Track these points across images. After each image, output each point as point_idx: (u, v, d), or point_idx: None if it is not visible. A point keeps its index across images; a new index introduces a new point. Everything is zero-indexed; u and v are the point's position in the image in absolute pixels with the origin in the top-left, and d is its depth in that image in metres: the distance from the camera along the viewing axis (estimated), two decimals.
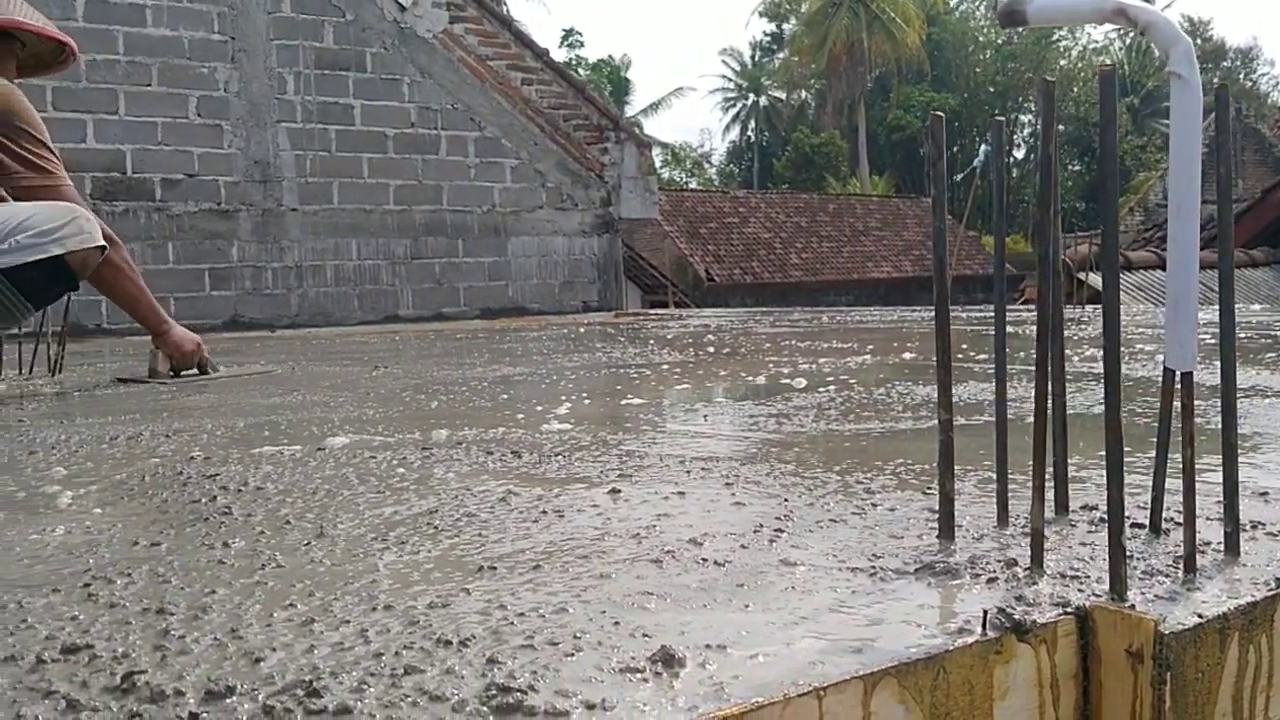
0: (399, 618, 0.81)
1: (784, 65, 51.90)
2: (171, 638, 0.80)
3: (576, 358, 3.61)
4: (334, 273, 7.89)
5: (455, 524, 1.10)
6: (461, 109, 8.26)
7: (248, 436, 1.86)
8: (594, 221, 8.91)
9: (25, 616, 0.87)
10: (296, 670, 0.72)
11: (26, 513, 1.28)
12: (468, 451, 1.56)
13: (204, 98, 7.38)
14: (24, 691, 0.72)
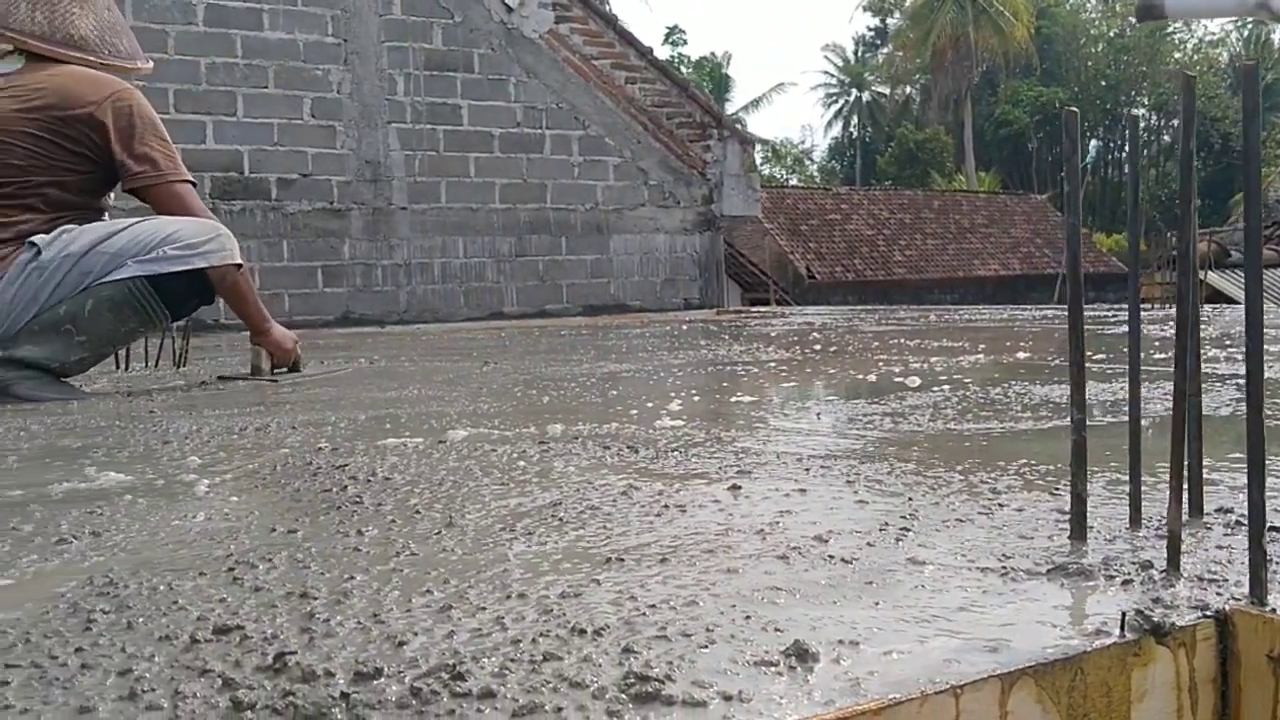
0: (533, 606, 0.83)
1: (888, 60, 51.25)
2: (317, 620, 0.82)
3: (682, 355, 3.62)
4: (441, 270, 8.03)
5: (579, 516, 1.12)
6: (566, 108, 8.34)
7: (370, 429, 1.91)
8: (696, 219, 8.92)
9: (176, 598, 0.91)
10: (439, 654, 0.74)
11: (167, 499, 1.34)
12: (584, 446, 1.58)
13: (318, 99, 7.57)
14: (181, 669, 0.75)
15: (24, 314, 2.68)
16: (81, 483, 1.48)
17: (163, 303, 2.78)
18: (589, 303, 8.51)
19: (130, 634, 0.82)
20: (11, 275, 2.68)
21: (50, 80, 2.82)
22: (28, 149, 2.75)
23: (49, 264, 2.68)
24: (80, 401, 2.61)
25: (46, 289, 2.68)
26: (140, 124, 2.85)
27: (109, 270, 2.71)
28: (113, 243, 2.73)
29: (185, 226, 2.83)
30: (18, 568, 1.05)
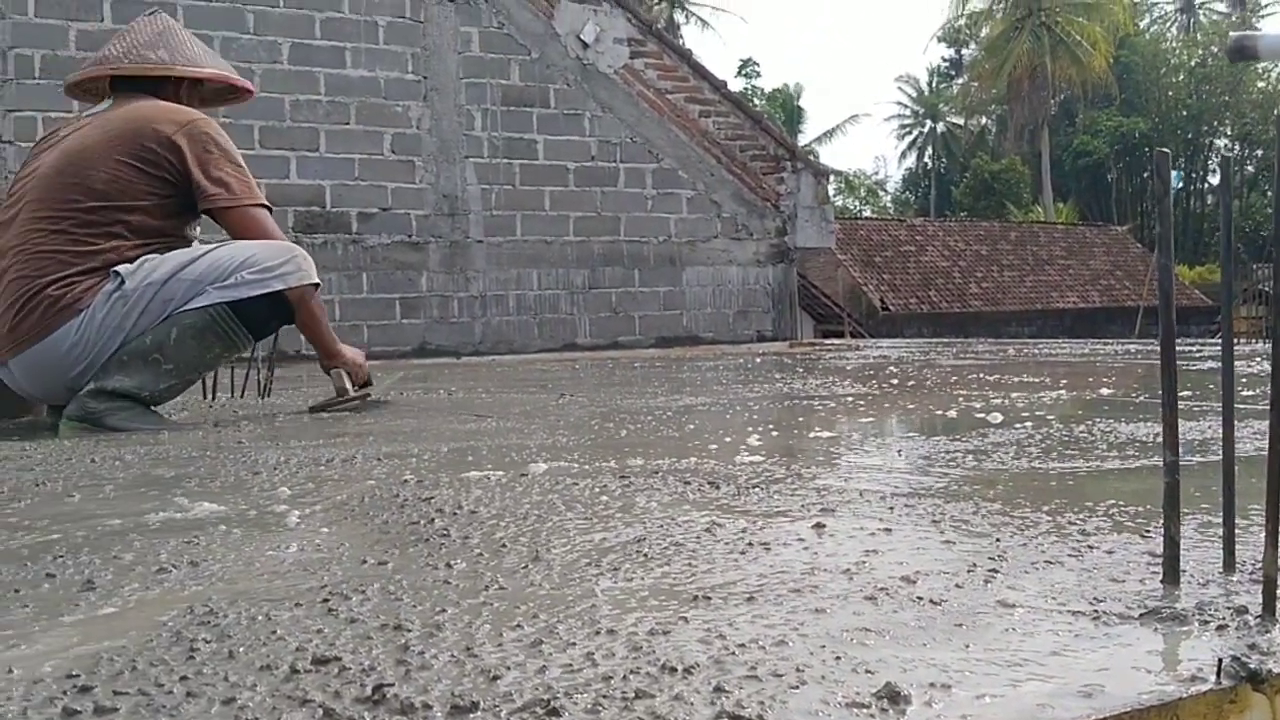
0: (623, 643, 0.84)
1: (963, 91, 50.89)
2: (412, 653, 0.84)
3: (757, 388, 3.62)
4: (516, 302, 8.12)
5: (664, 552, 1.13)
6: (640, 142, 8.42)
7: (453, 461, 1.94)
8: (769, 251, 8.92)
9: (274, 628, 0.94)
10: (532, 689, 0.75)
11: (260, 530, 1.37)
12: (665, 481, 1.59)
13: (398, 135, 7.73)
14: (282, 699, 0.77)
15: (110, 343, 2.76)
16: (177, 513, 1.52)
17: (244, 326, 2.86)
18: (661, 335, 8.54)
19: (232, 663, 0.85)
20: (98, 305, 2.77)
21: (132, 110, 2.93)
22: (110, 174, 2.83)
23: (132, 293, 2.76)
24: (171, 431, 2.69)
25: (131, 318, 2.76)
26: (216, 150, 2.94)
27: (190, 297, 2.79)
28: (192, 270, 2.81)
29: (261, 250, 2.89)
30: (120, 596, 1.08)
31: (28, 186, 2.90)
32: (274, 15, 7.40)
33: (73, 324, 2.75)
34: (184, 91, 3.10)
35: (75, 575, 1.16)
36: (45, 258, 2.80)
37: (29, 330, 2.78)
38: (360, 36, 7.63)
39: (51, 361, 2.79)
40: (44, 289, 2.77)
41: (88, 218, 2.83)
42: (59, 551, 1.27)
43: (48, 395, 2.95)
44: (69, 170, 2.85)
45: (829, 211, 9.26)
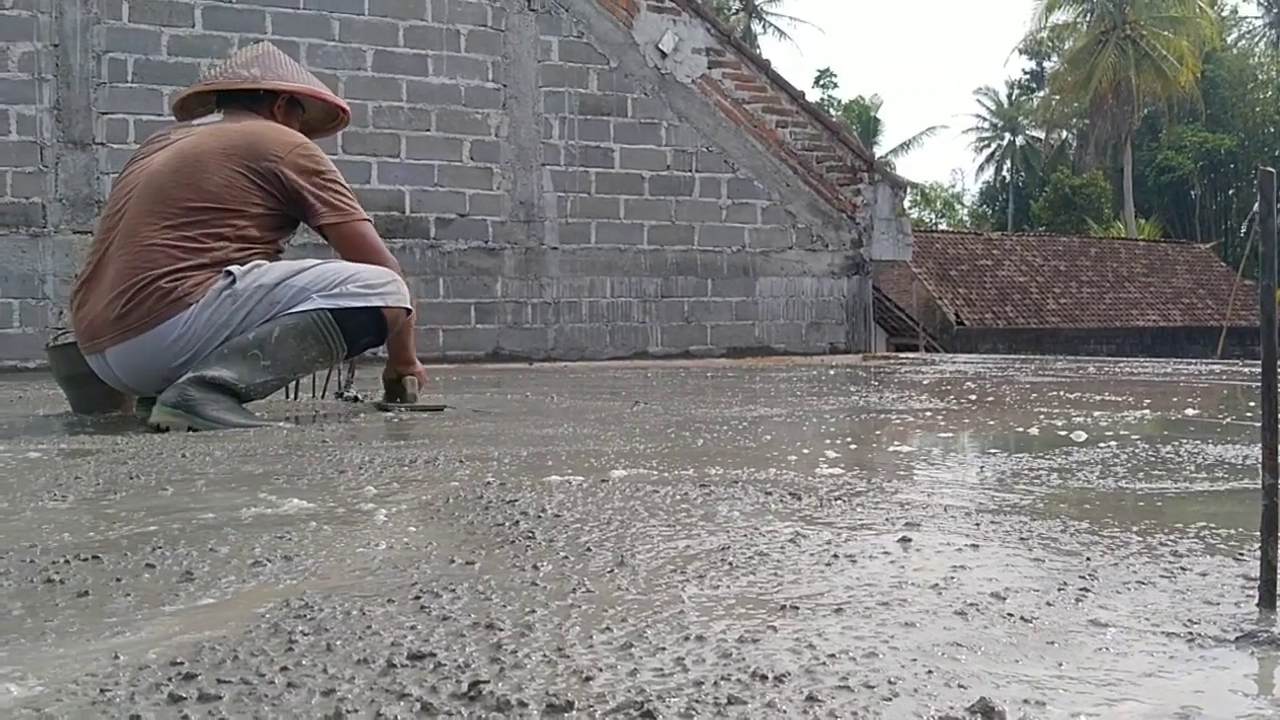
0: (712, 649, 0.85)
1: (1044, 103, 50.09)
2: (505, 651, 0.86)
3: (832, 401, 3.60)
4: (589, 309, 8.16)
5: (749, 561, 1.13)
6: (716, 151, 8.42)
7: (533, 465, 1.96)
8: (844, 263, 8.86)
9: (369, 623, 0.96)
10: (625, 691, 0.76)
11: (349, 527, 1.40)
12: (745, 490, 1.59)
13: (477, 142, 7.82)
14: (380, 692, 0.79)
15: (215, 337, 2.86)
16: (268, 508, 1.55)
17: (343, 336, 2.95)
18: (733, 344, 8.53)
19: (330, 656, 0.87)
20: (208, 299, 2.86)
21: (248, 126, 3.07)
22: (223, 180, 2.95)
23: (242, 293, 2.86)
24: (257, 430, 2.75)
25: (238, 315, 2.86)
26: (324, 172, 3.08)
27: (296, 302, 2.89)
28: (300, 278, 2.92)
29: (366, 269, 3.02)
30: (218, 587, 1.11)
31: (138, 181, 3.01)
32: (358, 23, 7.53)
33: (182, 316, 2.85)
34: (279, 110, 3.22)
35: (174, 566, 1.20)
36: (156, 250, 2.89)
37: (137, 319, 2.87)
38: (442, 44, 7.74)
39: (155, 352, 2.87)
40: (155, 280, 2.86)
41: (199, 217, 2.93)
42: (157, 543, 1.31)
43: (140, 386, 3.04)
44: (183, 170, 2.96)
45: (906, 224, 9.18)
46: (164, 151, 3.05)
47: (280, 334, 2.87)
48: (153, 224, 2.91)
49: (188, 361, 2.86)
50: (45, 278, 6.87)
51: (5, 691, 0.80)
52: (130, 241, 2.92)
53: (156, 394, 2.91)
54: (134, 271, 2.88)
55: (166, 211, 2.93)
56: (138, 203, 2.96)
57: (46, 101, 6.87)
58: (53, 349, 3.56)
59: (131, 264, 2.89)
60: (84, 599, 1.07)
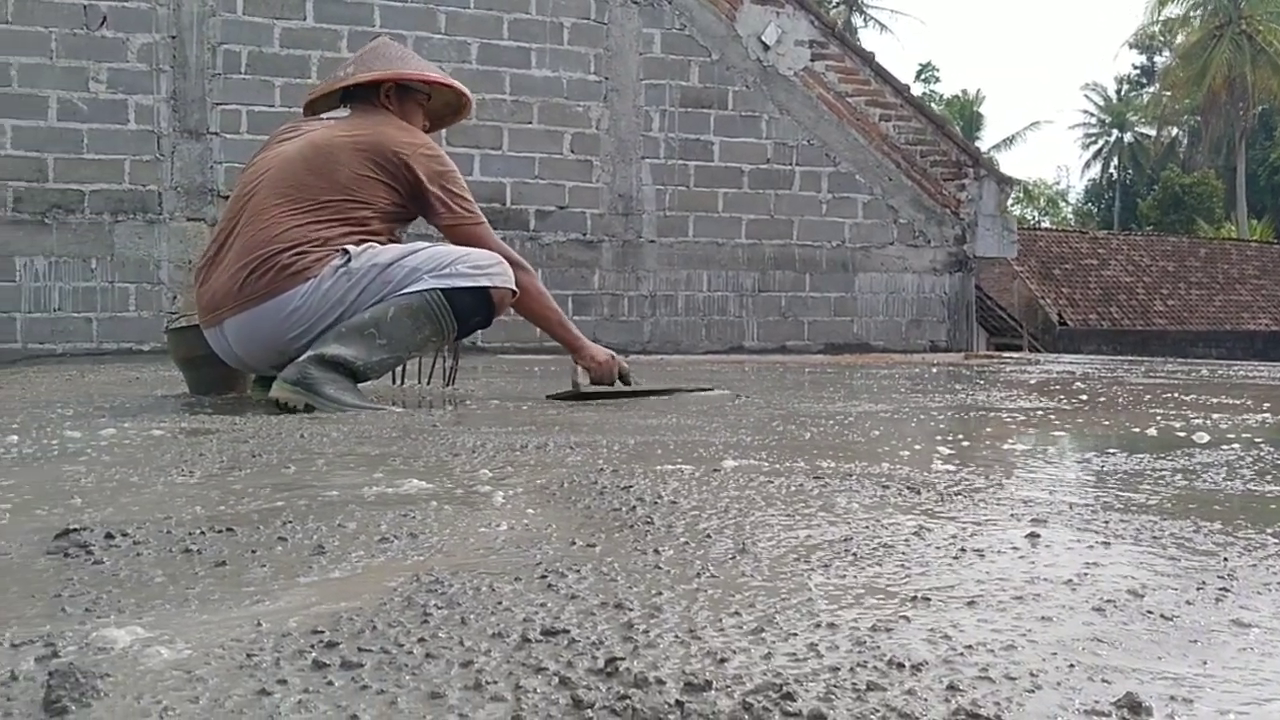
0: (845, 636, 0.84)
1: (1154, 100, 48.69)
2: (636, 631, 0.86)
3: (938, 398, 3.55)
4: (685, 303, 8.16)
5: (874, 553, 1.12)
6: (817, 145, 8.35)
7: (642, 454, 1.97)
8: (946, 259, 8.73)
9: (499, 599, 0.97)
10: (761, 674, 0.76)
11: (469, 508, 1.42)
12: (861, 484, 1.58)
13: (578, 135, 7.87)
14: (517, 665, 0.80)
15: (329, 314, 2.95)
16: (388, 488, 1.59)
17: (454, 316, 3.03)
18: (830, 340, 8.45)
19: (464, 629, 0.88)
20: (325, 276, 2.97)
21: (377, 123, 3.19)
22: (352, 173, 3.08)
23: (357, 271, 2.96)
24: (369, 412, 2.81)
25: (353, 293, 2.96)
26: (447, 173, 3.21)
27: (408, 282, 2.98)
28: (412, 259, 3.01)
29: (475, 252, 3.11)
30: (349, 561, 1.14)
31: (271, 166, 3.14)
32: (464, 16, 7.63)
33: (299, 289, 2.96)
34: (392, 99, 3.31)
35: (305, 540, 1.23)
36: (282, 229, 3.02)
37: (257, 290, 2.99)
38: (546, 37, 7.80)
39: (272, 323, 2.99)
40: (277, 254, 2.99)
41: (327, 204, 3.06)
42: (287, 518, 1.35)
43: (254, 359, 3.15)
44: (315, 160, 3.09)
45: (1011, 220, 9.01)
46: (296, 141, 3.18)
47: (395, 313, 2.95)
48: (281, 206, 3.04)
49: (301, 335, 2.97)
50: (160, 263, 7.10)
51: (156, 654, 0.83)
52: (257, 220, 3.05)
53: (273, 370, 3.02)
54: (258, 246, 3.00)
55: (296, 196, 3.05)
56: (268, 186, 3.09)
57: (164, 92, 7.09)
58: (171, 332, 3.68)
59: (257, 239, 3.02)
60: (222, 569, 1.11)
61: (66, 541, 1.21)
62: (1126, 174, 52.89)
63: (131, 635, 0.87)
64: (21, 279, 6.86)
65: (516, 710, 0.72)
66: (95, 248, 6.98)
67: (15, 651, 0.85)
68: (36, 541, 1.23)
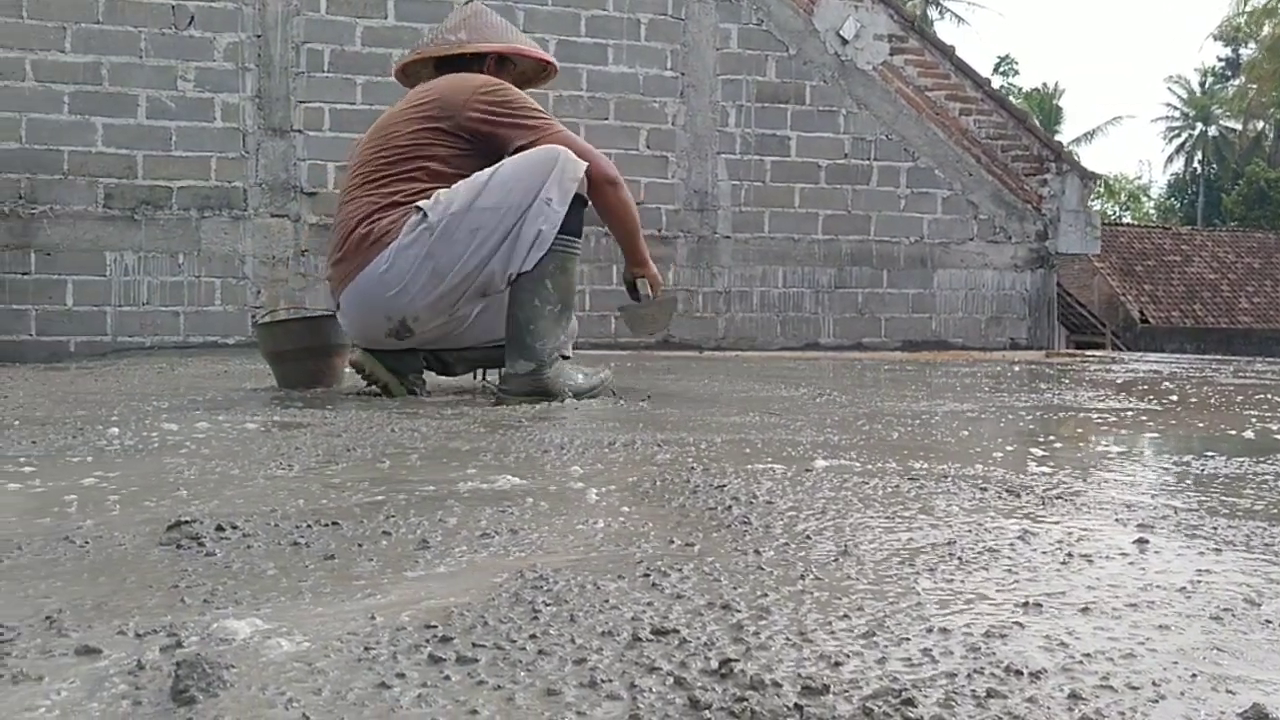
0: (958, 642, 0.84)
1: (1239, 93, 47.34)
2: (746, 632, 0.86)
3: (1024, 397, 3.50)
4: (760, 299, 8.12)
5: (979, 557, 1.11)
6: (896, 140, 8.26)
7: (731, 452, 1.97)
8: (1028, 255, 8.58)
9: (605, 597, 0.98)
10: (878, 679, 0.76)
11: (565, 504, 1.44)
12: (958, 486, 1.56)
13: (653, 130, 7.87)
14: (629, 664, 0.81)
15: (420, 270, 3.07)
16: (483, 483, 1.61)
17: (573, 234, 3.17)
18: (908, 338, 8.36)
19: (574, 627, 0.89)
20: (404, 235, 3.08)
21: (436, 84, 3.29)
22: (408, 135, 3.21)
23: (436, 224, 3.06)
24: (454, 412, 2.85)
25: (439, 245, 3.06)
26: (509, 100, 3.23)
27: (505, 228, 3.06)
28: (486, 198, 3.07)
29: (540, 163, 3.11)
30: (453, 556, 1.16)
31: (366, 150, 3.29)
32: (542, 12, 7.67)
33: (383, 255, 3.09)
34: (490, 69, 3.41)
35: (409, 535, 1.25)
36: (358, 205, 3.19)
37: (351, 266, 3.16)
38: (622, 33, 7.81)
39: (370, 291, 3.12)
40: (355, 229, 3.15)
41: (389, 170, 3.20)
42: (389, 512, 1.37)
43: (368, 329, 3.25)
44: (378, 137, 3.27)
45: (1095, 216, 8.83)
46: (386, 119, 3.33)
47: (549, 286, 3.10)
48: (357, 186, 3.23)
49: (398, 295, 3.09)
50: (245, 259, 7.24)
51: (277, 646, 0.85)
52: (344, 209, 3.25)
53: (391, 341, 3.21)
54: (344, 226, 3.20)
55: (368, 174, 3.22)
56: (355, 175, 3.28)
57: (249, 90, 7.23)
58: (260, 326, 3.76)
59: (342, 223, 3.21)
60: (330, 562, 1.13)
61: (178, 533, 1.25)
62: (1210, 169, 51.56)
63: (251, 627, 0.90)
64: (112, 273, 7.04)
65: (633, 709, 0.72)
66: (182, 243, 7.14)
67: (140, 641, 0.87)
68: (148, 533, 1.27)
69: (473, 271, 3.08)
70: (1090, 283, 22.85)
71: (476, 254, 3.06)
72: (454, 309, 3.19)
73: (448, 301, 3.13)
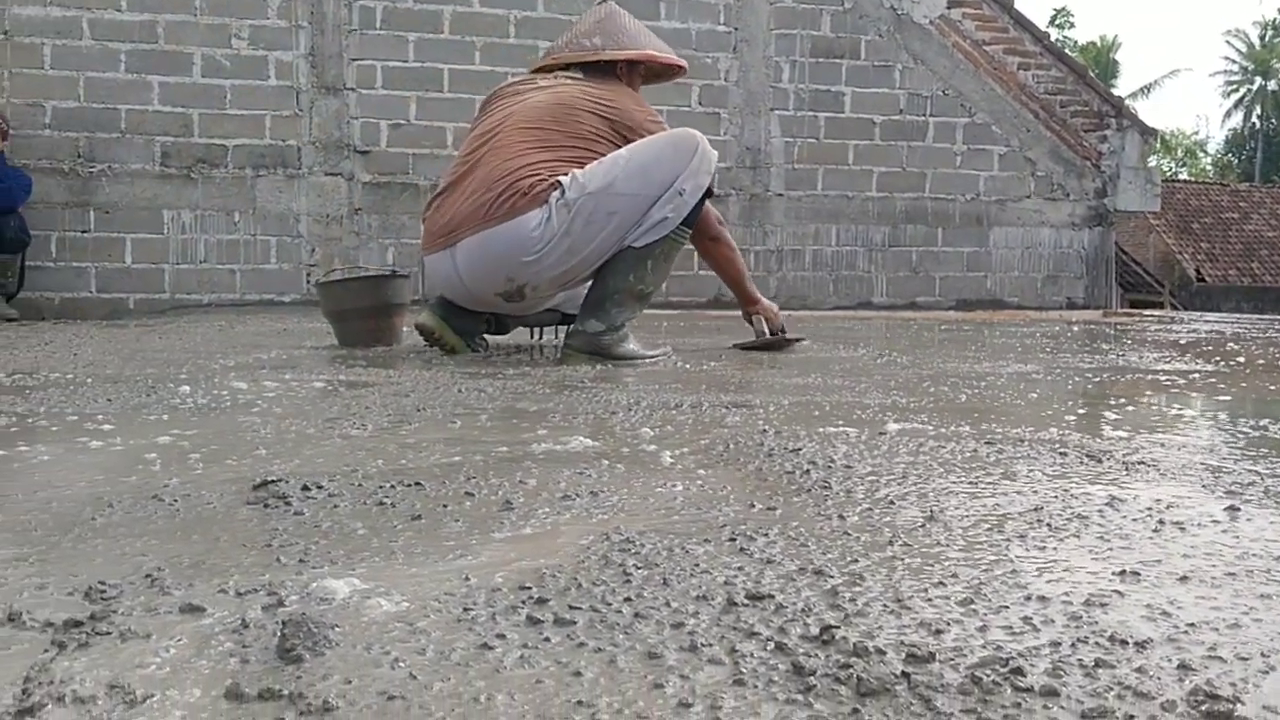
0: (1058, 610, 0.83)
1: None
2: (842, 599, 0.87)
3: (1087, 359, 3.46)
4: (812, 258, 8.07)
5: (1068, 524, 1.10)
6: (952, 95, 8.13)
7: (800, 415, 1.96)
8: (1086, 213, 8.44)
9: (695, 561, 0.98)
10: (981, 648, 0.76)
11: (639, 467, 1.44)
12: (1036, 450, 1.55)
13: (705, 87, 7.80)
14: (727, 629, 0.81)
15: (557, 245, 3.11)
16: (556, 445, 1.62)
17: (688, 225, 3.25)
18: (962, 297, 8.27)
19: (668, 590, 0.90)
20: (553, 205, 3.11)
21: (612, 94, 3.35)
22: (592, 129, 3.27)
23: (574, 201, 3.11)
24: (509, 369, 2.86)
25: (576, 222, 3.10)
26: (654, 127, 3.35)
27: (638, 212, 3.14)
28: (622, 183, 3.13)
29: (668, 150, 3.19)
30: (536, 518, 1.16)
31: (513, 111, 3.33)
32: None
33: (537, 214, 3.13)
34: (622, 72, 3.47)
35: (490, 496, 1.26)
36: (520, 159, 3.21)
37: (498, 212, 3.15)
38: None
39: (508, 242, 3.14)
40: (520, 180, 3.16)
41: (564, 147, 3.24)
42: (469, 473, 1.38)
43: (476, 283, 3.25)
44: (559, 112, 3.29)
45: (1155, 173, 8.65)
46: (542, 93, 3.36)
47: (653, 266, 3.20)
48: (526, 144, 3.24)
49: (531, 263, 3.13)
50: (299, 217, 7.29)
51: (377, 606, 0.87)
52: (502, 153, 3.24)
53: (495, 300, 3.26)
54: (504, 174, 3.19)
55: (540, 138, 3.25)
56: (513, 128, 3.28)
57: (302, 48, 7.25)
58: (321, 285, 3.79)
59: (502, 169, 3.20)
60: (418, 522, 1.14)
61: (265, 492, 1.27)
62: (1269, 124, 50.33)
63: (350, 587, 0.91)
64: (169, 231, 7.12)
65: (736, 674, 0.73)
66: (238, 201, 7.20)
67: (241, 600, 0.89)
68: (234, 492, 1.29)
69: (601, 254, 3.17)
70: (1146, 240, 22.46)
71: (609, 238, 3.14)
72: (570, 286, 3.31)
73: (571, 276, 3.21)
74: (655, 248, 3.16)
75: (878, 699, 0.68)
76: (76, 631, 0.82)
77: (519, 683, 0.72)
